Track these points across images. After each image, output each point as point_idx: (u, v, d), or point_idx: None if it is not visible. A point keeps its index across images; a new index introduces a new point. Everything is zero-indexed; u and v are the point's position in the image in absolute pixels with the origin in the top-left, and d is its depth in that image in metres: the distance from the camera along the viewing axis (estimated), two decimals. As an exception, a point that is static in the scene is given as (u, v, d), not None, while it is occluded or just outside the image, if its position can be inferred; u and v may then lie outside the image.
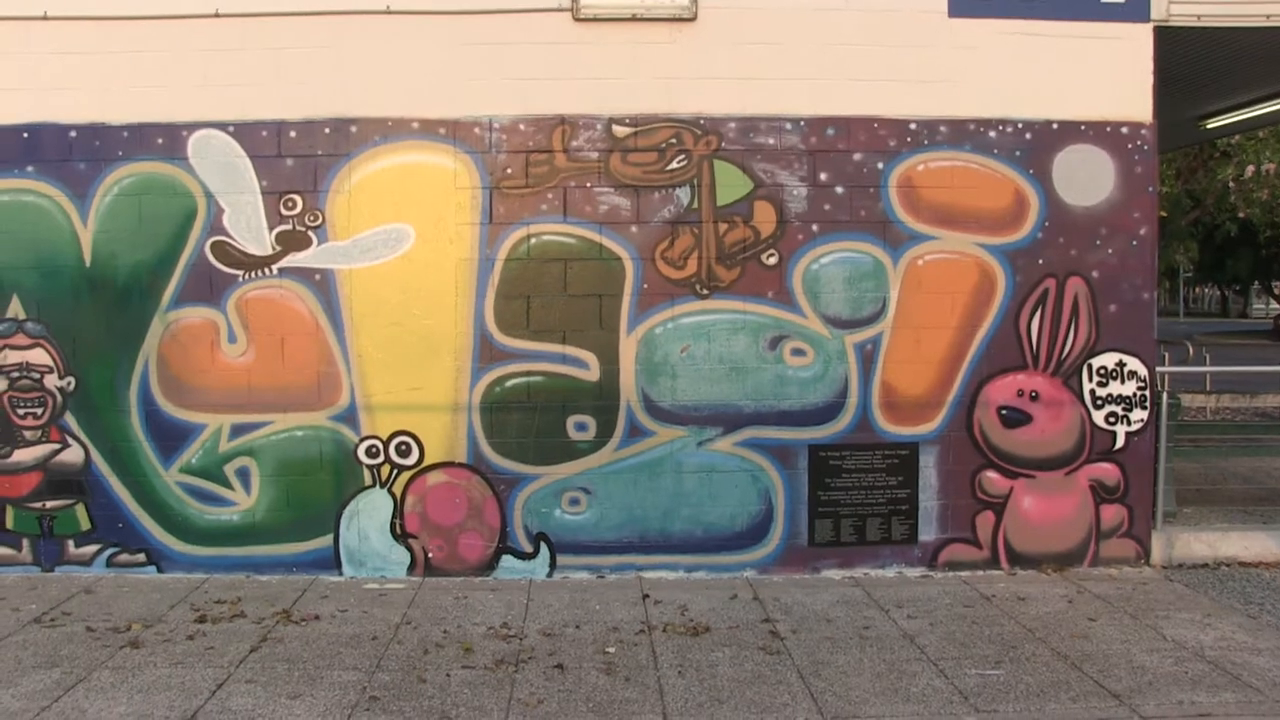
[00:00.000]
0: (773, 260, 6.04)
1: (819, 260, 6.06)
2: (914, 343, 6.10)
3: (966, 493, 6.16)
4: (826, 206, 6.05)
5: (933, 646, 4.90)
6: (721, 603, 5.58)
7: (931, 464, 6.15)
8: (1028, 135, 6.09)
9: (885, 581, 5.98)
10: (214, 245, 5.97)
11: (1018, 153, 6.09)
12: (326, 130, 5.96)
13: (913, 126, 6.06)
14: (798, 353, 6.09)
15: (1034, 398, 6.17)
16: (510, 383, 6.02)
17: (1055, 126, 6.10)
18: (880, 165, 6.05)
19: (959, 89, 6.06)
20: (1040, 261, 6.12)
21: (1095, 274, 6.15)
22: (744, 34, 6.00)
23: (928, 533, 6.17)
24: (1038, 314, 6.14)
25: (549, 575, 6.07)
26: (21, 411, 6.06)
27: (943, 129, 6.06)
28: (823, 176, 6.04)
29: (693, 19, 5.98)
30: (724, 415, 6.06)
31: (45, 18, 5.91)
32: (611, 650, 4.87)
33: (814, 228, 6.05)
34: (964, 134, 6.07)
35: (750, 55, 6.02)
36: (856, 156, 6.05)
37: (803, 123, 6.04)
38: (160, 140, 5.95)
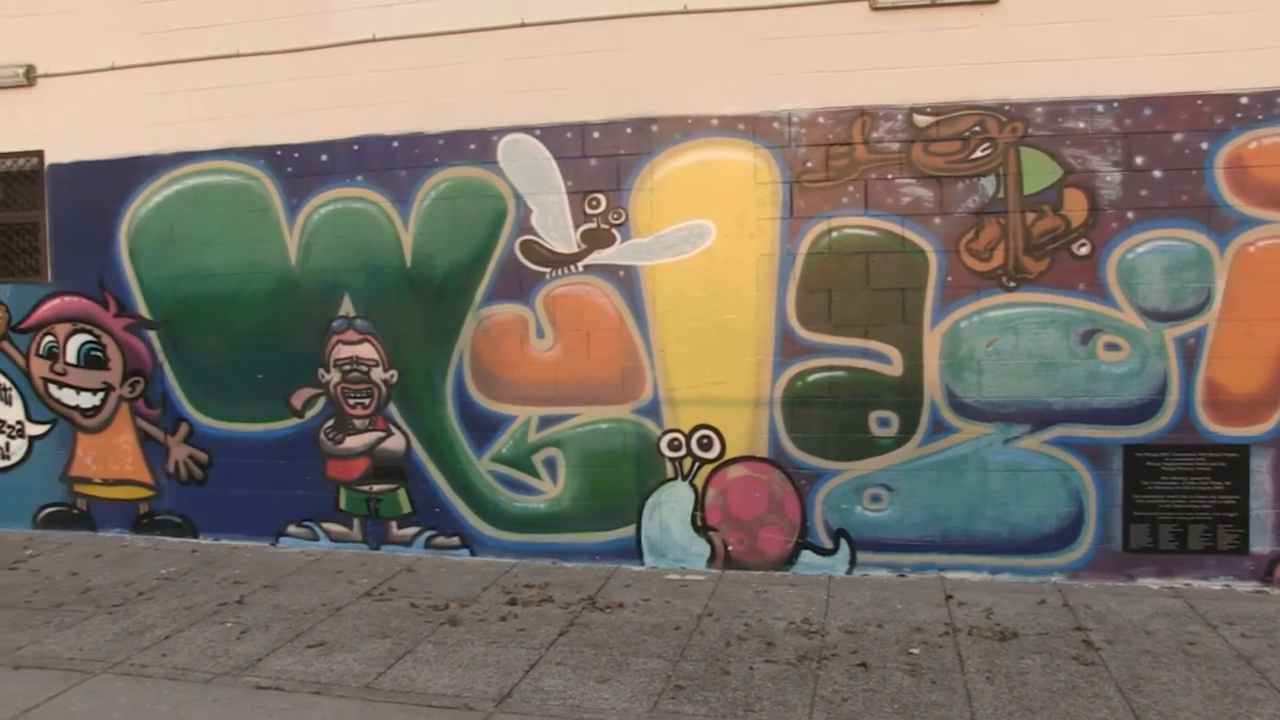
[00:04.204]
0: (1084, 250, 5.73)
1: (1135, 249, 5.70)
2: (1244, 336, 5.63)
3: (1307, 501, 5.65)
4: (1143, 192, 5.67)
5: (1275, 671, 4.48)
6: (1029, 607, 5.35)
7: (1265, 469, 5.65)
8: (1386, 101, 5.50)
9: (1210, 594, 5.56)
10: (523, 244, 6.27)
11: (1373, 121, 5.52)
12: (628, 130, 6.13)
13: (1243, 101, 5.58)
14: (1112, 347, 5.75)
15: (1388, 397, 5.57)
16: (811, 377, 6.00)
17: None
18: (1204, 145, 5.61)
19: (1298, 55, 5.55)
20: (1400, 244, 5.53)
21: None
22: (1049, 13, 5.72)
23: (1261, 544, 5.68)
24: (1393, 304, 5.55)
25: (848, 572, 6.01)
26: (352, 401, 6.59)
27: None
28: (1139, 160, 5.67)
29: (994, 1, 5.75)
30: (1032, 412, 5.81)
31: (374, 39, 6.41)
32: (915, 651, 4.77)
33: (1129, 215, 5.69)
34: (1305, 106, 5.56)
35: (1056, 35, 5.72)
36: (1176, 137, 5.64)
37: (1116, 104, 5.69)
38: (472, 145, 6.31)
